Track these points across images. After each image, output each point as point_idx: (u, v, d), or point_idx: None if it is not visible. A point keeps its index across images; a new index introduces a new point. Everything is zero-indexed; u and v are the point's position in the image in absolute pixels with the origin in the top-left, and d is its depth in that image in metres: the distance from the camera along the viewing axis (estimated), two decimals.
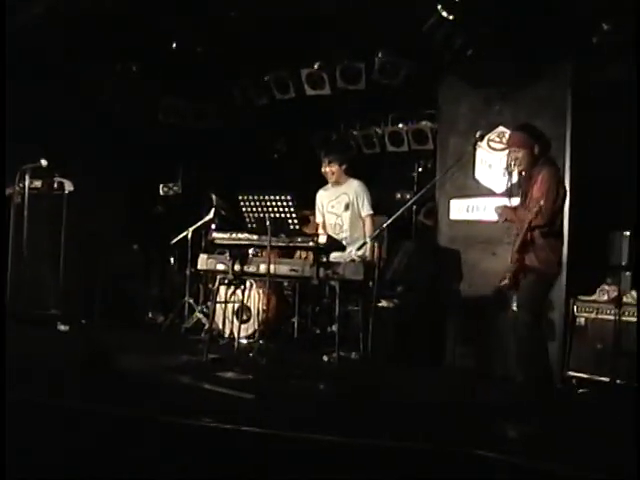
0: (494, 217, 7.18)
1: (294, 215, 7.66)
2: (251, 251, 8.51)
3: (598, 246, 7.86)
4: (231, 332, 9.41)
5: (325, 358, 8.37)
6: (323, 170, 9.09)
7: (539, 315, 6.71)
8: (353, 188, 9.00)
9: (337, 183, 9.10)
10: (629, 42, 7.58)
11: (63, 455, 4.66)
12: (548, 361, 6.69)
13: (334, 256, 8.10)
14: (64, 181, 10.19)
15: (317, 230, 9.10)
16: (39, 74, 9.84)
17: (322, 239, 7.71)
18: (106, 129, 11.29)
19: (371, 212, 8.98)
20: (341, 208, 9.03)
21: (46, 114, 10.09)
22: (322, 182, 9.31)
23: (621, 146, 7.92)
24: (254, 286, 9.58)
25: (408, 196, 11.57)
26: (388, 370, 8.15)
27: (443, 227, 9.13)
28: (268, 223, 7.60)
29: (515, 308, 6.68)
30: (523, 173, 6.78)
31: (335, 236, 8.51)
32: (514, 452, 5.10)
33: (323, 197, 9.33)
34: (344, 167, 9.05)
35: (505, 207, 6.92)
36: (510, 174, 6.93)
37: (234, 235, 8.03)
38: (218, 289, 8.73)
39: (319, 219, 9.37)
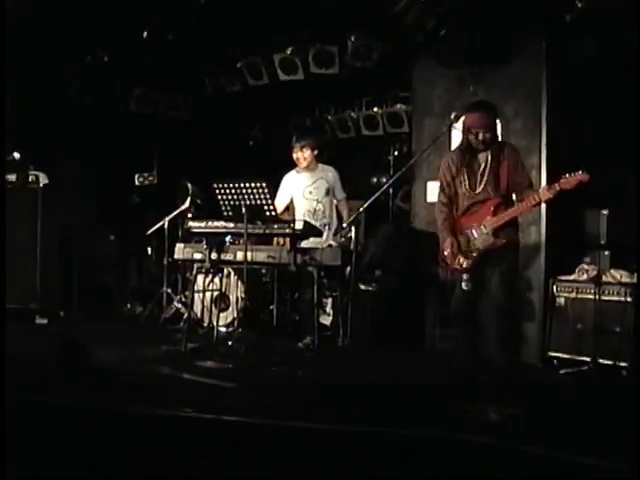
0: None
1: (270, 202, 7.60)
2: (228, 239, 8.45)
3: (575, 225, 7.85)
4: (210, 321, 9.41)
5: (300, 345, 8.40)
6: (295, 156, 8.83)
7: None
8: (330, 174, 8.86)
9: (308, 169, 8.88)
10: (602, 18, 7.58)
11: (46, 451, 4.62)
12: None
13: (312, 242, 8.09)
14: (39, 174, 10.12)
15: (284, 213, 8.87)
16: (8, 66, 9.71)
17: (299, 225, 7.65)
18: (79, 120, 11.18)
19: (345, 195, 8.95)
20: (321, 194, 8.78)
21: (17, 106, 9.97)
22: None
23: (597, 123, 7.91)
24: (232, 274, 9.55)
25: (384, 180, 11.57)
26: (368, 354, 8.13)
27: (420, 210, 9.09)
28: (244, 210, 7.55)
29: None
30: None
31: (316, 222, 8.46)
32: (499, 435, 5.07)
33: (295, 181, 8.97)
34: (316, 152, 8.91)
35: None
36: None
37: (210, 223, 7.98)
38: (196, 278, 8.73)
39: (284, 201, 8.90)
